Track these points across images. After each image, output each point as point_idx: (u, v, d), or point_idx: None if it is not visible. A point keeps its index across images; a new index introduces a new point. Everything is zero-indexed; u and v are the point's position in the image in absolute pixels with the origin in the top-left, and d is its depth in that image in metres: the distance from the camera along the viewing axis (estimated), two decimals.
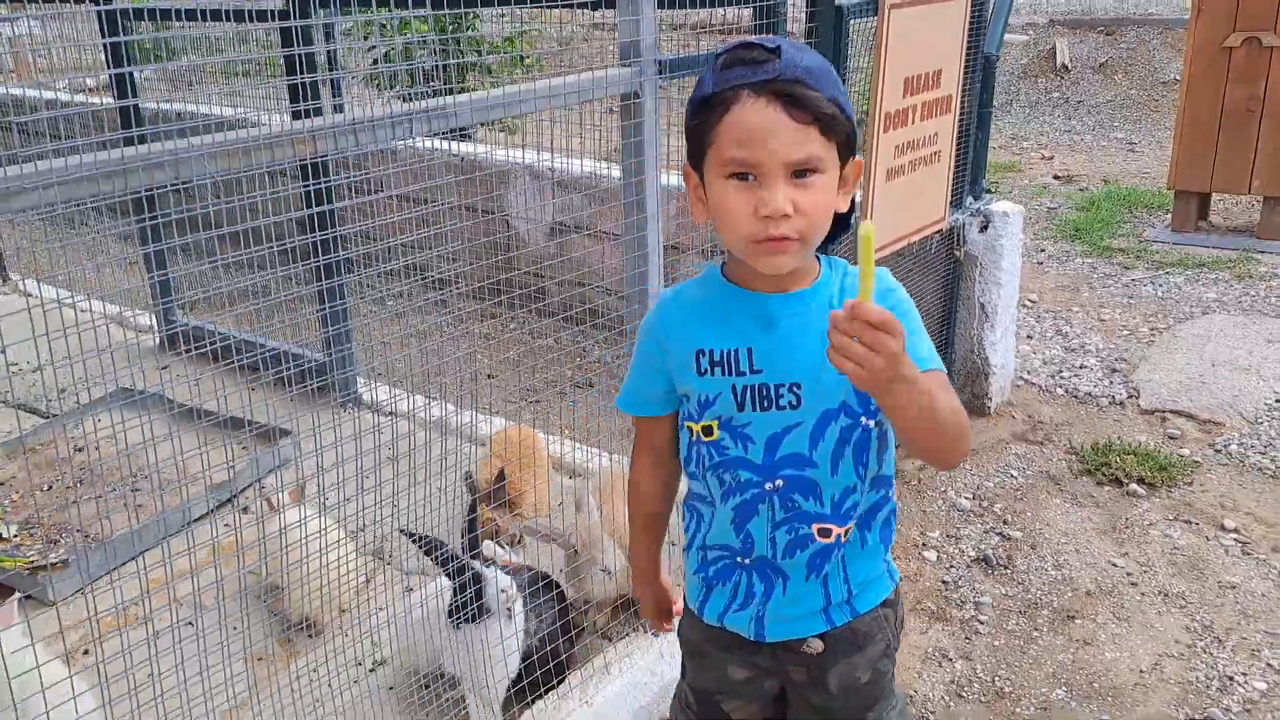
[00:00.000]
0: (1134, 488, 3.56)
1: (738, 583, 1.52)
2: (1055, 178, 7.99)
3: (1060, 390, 4.36)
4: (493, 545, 2.49)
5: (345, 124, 1.59)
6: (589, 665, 2.50)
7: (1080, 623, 2.90)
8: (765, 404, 1.41)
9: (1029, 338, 4.91)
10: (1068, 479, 3.66)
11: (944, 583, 3.09)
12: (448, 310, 4.30)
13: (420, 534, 2.25)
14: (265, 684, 2.44)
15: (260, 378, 2.33)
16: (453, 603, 2.27)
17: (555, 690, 2.43)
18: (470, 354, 4.43)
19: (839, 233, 1.44)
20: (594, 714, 2.39)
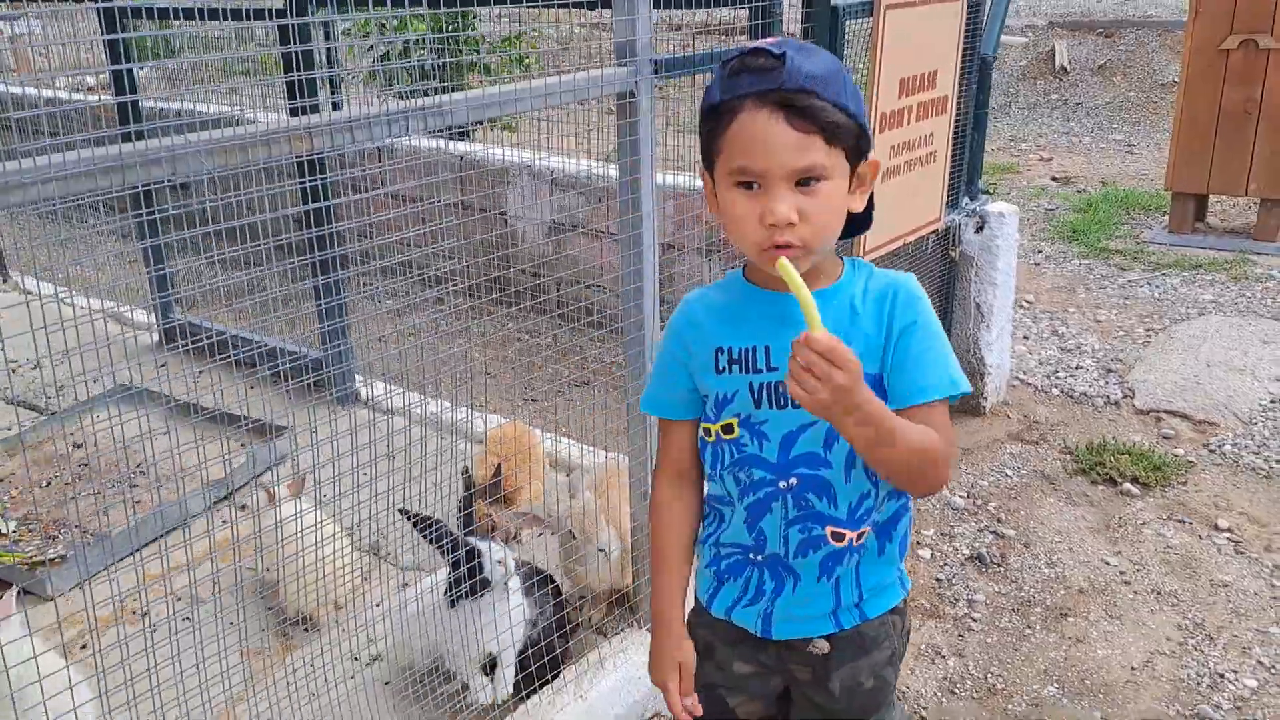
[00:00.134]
0: (1128, 487, 3.57)
1: (749, 578, 1.53)
2: (1053, 179, 8.01)
3: (1056, 390, 4.38)
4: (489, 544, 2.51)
5: (341, 121, 1.61)
6: (583, 660, 2.52)
7: (1073, 620, 2.92)
8: (781, 402, 1.43)
9: (1025, 338, 4.93)
10: (1062, 478, 3.68)
11: (938, 580, 3.11)
12: (443, 306, 4.32)
13: (416, 512, 2.28)
14: (261, 678, 2.46)
15: (258, 373, 2.34)
16: (449, 580, 2.30)
17: (550, 685, 2.45)
18: (467, 350, 4.45)
19: (859, 230, 1.46)
20: (587, 708, 2.40)
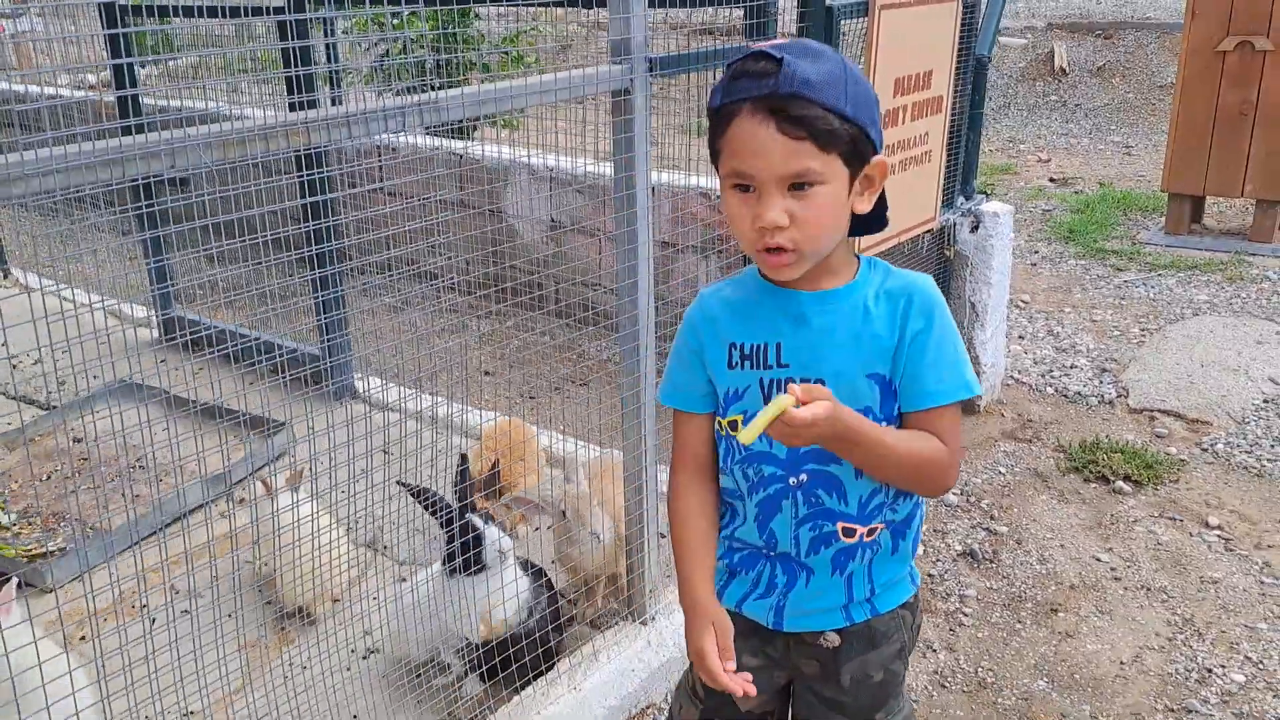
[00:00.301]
0: (1120, 485, 3.60)
1: (761, 572, 1.55)
2: (1051, 180, 8.03)
3: (1050, 389, 4.40)
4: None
5: (338, 116, 1.63)
6: (577, 653, 2.54)
7: (1063, 616, 2.94)
8: None
9: (1020, 338, 4.95)
10: (1055, 476, 3.70)
11: (930, 576, 3.13)
12: (439, 300, 4.34)
13: (419, 486, 2.31)
14: (259, 671, 2.48)
15: (256, 367, 2.37)
16: (447, 553, 2.33)
17: (543, 676, 2.47)
18: (463, 345, 4.47)
19: (873, 229, 1.49)
20: (581, 700, 2.43)
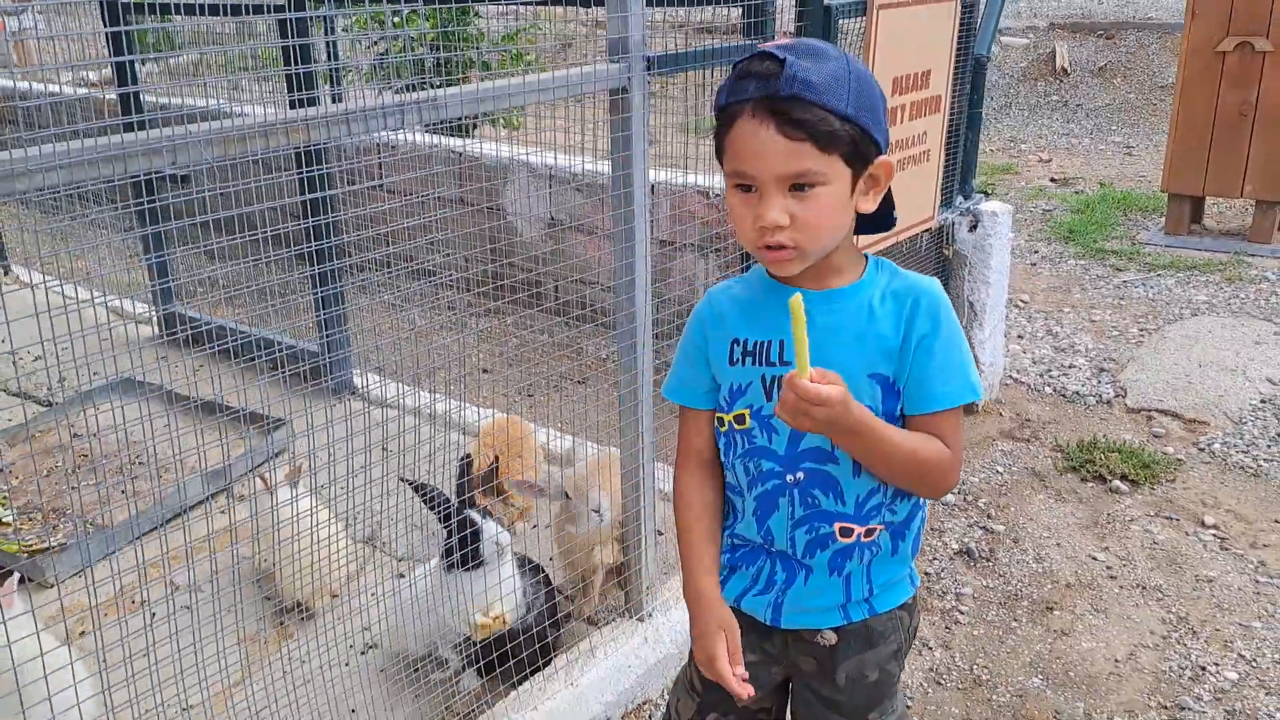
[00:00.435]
0: (1117, 484, 3.61)
1: (761, 568, 1.56)
2: (1052, 180, 8.05)
3: (1049, 389, 4.41)
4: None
5: (338, 113, 1.65)
6: (574, 649, 2.55)
7: (1058, 614, 2.95)
8: None
9: (1019, 337, 4.96)
10: (1052, 475, 3.72)
11: (926, 574, 3.15)
12: (437, 297, 4.36)
13: (420, 482, 2.33)
14: (258, 664, 2.50)
15: (255, 363, 2.38)
16: (446, 546, 2.35)
17: (541, 672, 2.49)
18: (460, 340, 4.48)
19: (881, 228, 1.50)
20: (578, 695, 2.44)
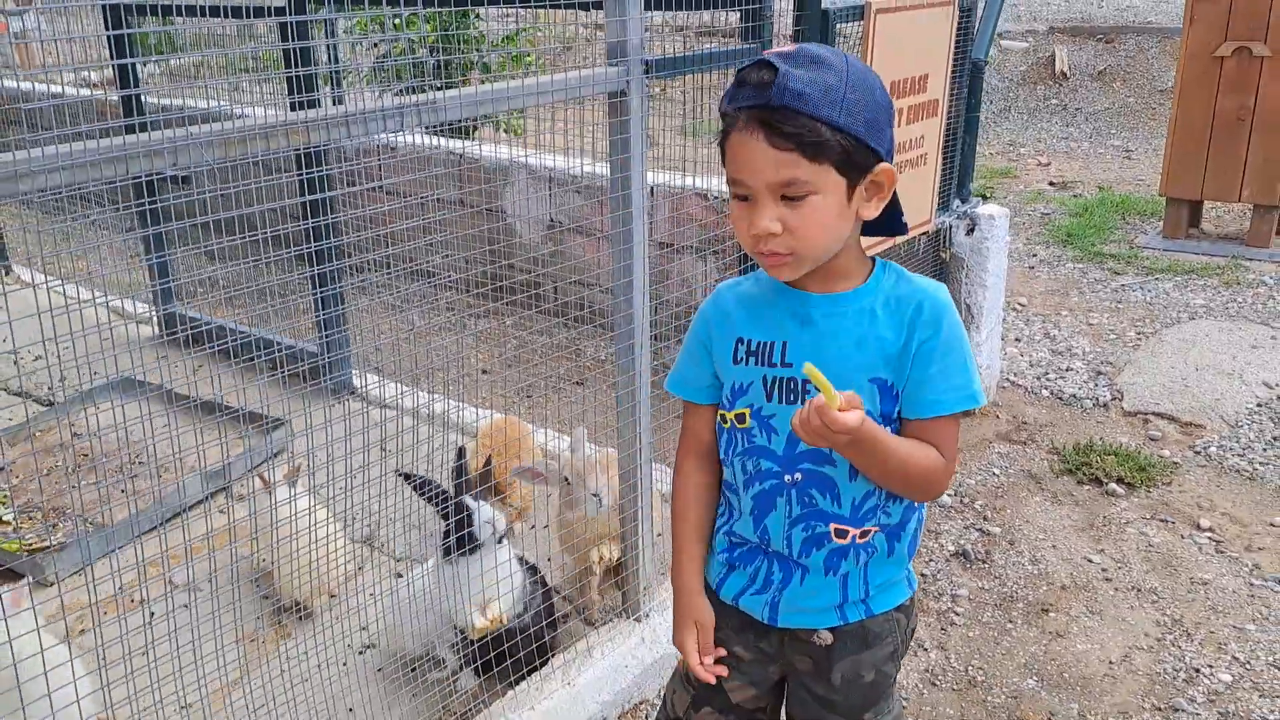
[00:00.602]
0: (1113, 487, 3.62)
1: (758, 568, 1.58)
2: (1050, 184, 8.06)
3: (1046, 392, 4.43)
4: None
5: (338, 115, 1.66)
6: (571, 648, 2.57)
7: (1054, 616, 2.97)
8: (791, 397, 1.48)
9: (1017, 340, 4.97)
10: (1049, 478, 3.73)
11: (923, 575, 3.16)
12: (437, 298, 4.37)
13: (414, 474, 2.36)
14: (256, 663, 2.51)
15: (254, 363, 2.39)
16: (445, 534, 2.36)
17: (538, 672, 2.50)
18: (459, 341, 4.50)
19: (893, 232, 1.53)
20: (575, 695, 2.45)
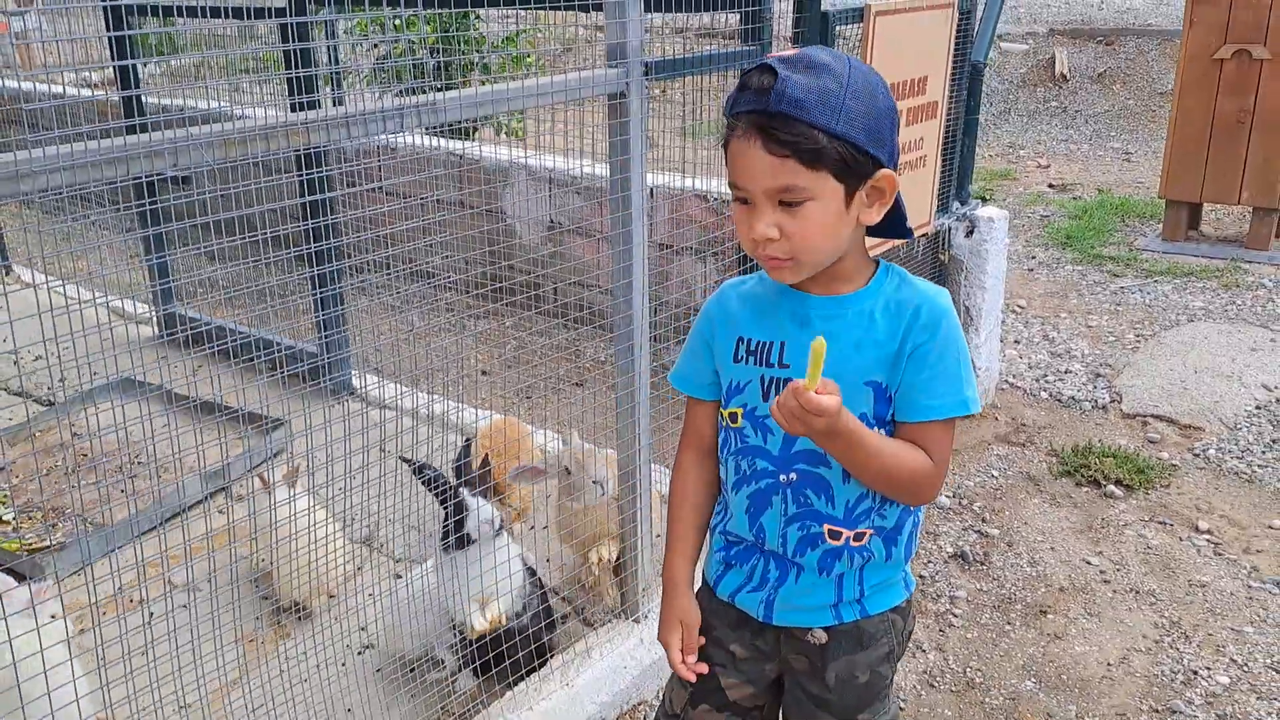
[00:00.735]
0: (1112, 489, 3.63)
1: (754, 566, 1.59)
2: (1050, 186, 8.07)
3: (1044, 394, 4.43)
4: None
5: (338, 116, 1.67)
6: (570, 649, 2.57)
7: (1052, 617, 2.97)
8: None
9: (1016, 342, 4.98)
10: (1047, 480, 3.73)
11: (921, 577, 3.16)
12: (436, 299, 4.37)
13: (417, 461, 2.36)
14: (255, 664, 2.51)
15: (254, 364, 2.40)
16: (444, 527, 2.37)
17: (537, 672, 2.50)
18: (459, 342, 4.50)
19: (899, 235, 1.55)
20: (573, 696, 2.46)
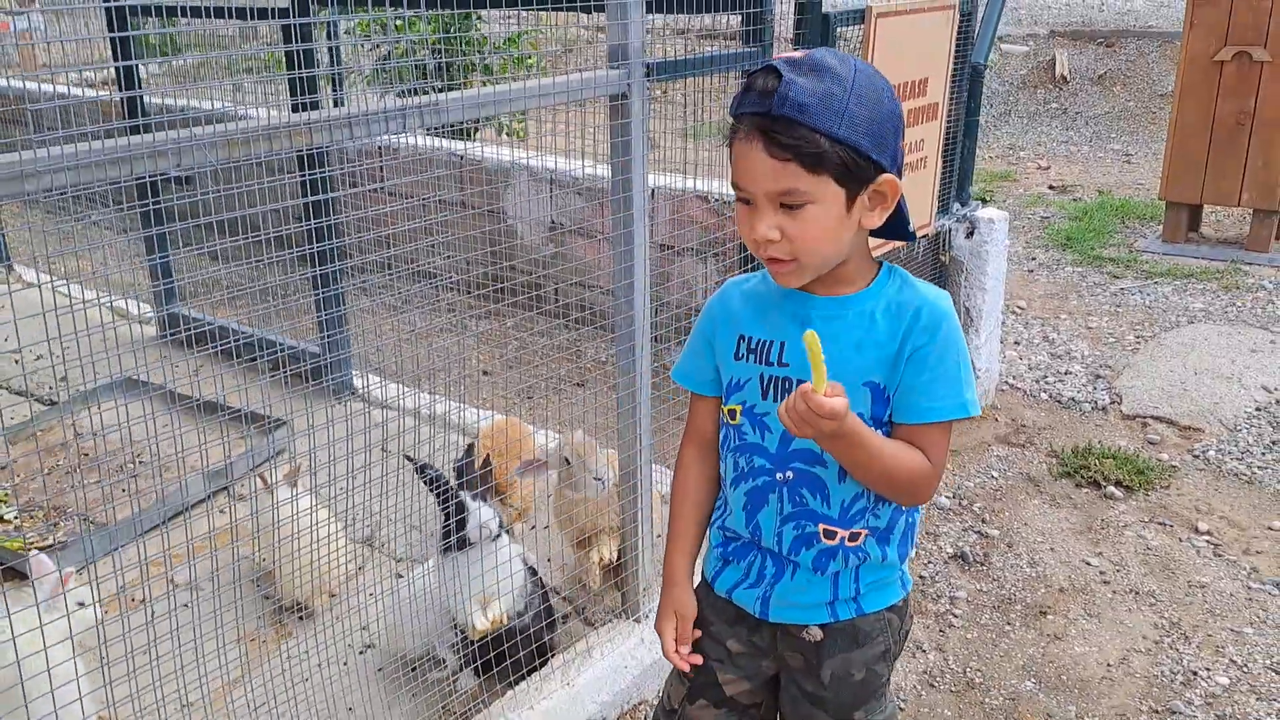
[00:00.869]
0: (1111, 490, 3.63)
1: (751, 562, 1.61)
2: (1050, 188, 8.07)
3: (1044, 395, 4.43)
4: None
5: (340, 117, 1.67)
6: (571, 649, 2.57)
7: (1052, 618, 2.98)
8: (785, 397, 1.48)
9: (1016, 344, 4.98)
10: (1047, 481, 3.74)
11: (921, 577, 3.17)
12: (438, 299, 4.38)
13: (420, 460, 2.36)
14: (257, 663, 2.52)
15: (256, 364, 2.40)
16: (444, 528, 2.38)
17: (538, 672, 2.51)
18: (460, 342, 4.51)
19: (902, 238, 1.56)
20: (574, 695, 2.46)
